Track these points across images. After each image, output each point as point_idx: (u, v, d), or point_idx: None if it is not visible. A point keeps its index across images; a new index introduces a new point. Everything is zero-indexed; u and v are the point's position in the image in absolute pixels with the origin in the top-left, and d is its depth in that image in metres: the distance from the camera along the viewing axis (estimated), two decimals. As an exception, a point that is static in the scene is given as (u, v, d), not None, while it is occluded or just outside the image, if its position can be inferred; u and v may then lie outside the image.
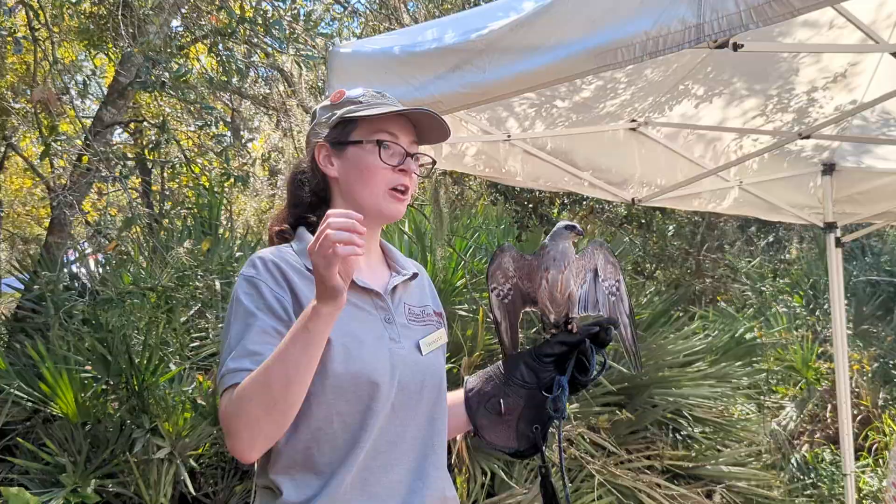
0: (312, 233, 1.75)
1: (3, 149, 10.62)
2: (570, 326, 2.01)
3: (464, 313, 5.61)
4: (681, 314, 7.42)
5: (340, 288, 1.54)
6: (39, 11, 5.78)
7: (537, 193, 9.57)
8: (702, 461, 5.80)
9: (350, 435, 1.71)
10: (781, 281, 9.97)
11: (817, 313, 8.79)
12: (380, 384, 1.72)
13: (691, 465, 5.68)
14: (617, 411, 5.52)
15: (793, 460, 7.10)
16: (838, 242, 5.12)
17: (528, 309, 2.11)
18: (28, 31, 6.56)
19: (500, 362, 2.07)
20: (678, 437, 6.01)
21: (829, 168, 4.92)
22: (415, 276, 1.98)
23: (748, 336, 7.61)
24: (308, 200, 1.91)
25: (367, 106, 1.86)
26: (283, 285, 1.73)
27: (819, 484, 6.64)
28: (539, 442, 1.99)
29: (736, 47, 2.31)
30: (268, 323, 1.68)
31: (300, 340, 1.58)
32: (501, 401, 1.99)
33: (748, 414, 7.32)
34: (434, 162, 2.04)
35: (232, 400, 1.61)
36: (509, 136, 4.05)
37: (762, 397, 7.80)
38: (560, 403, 1.93)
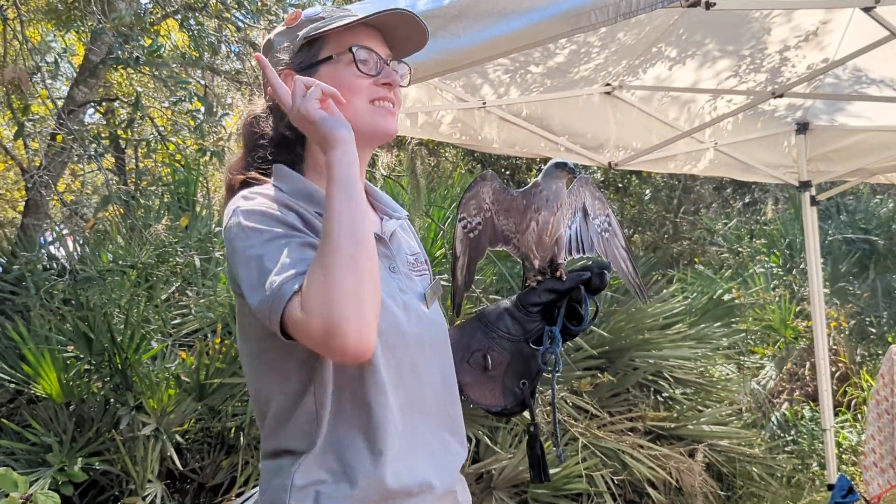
0: (295, 169, 1.61)
1: (-27, 131, 10.50)
2: (558, 273, 1.87)
3: (445, 283, 5.60)
4: (659, 277, 7.49)
5: (332, 120, 1.41)
6: (6, -10, 5.71)
7: (514, 160, 9.59)
8: (683, 421, 5.87)
9: (382, 395, 1.47)
10: (758, 242, 10.05)
11: (794, 273, 8.89)
12: (406, 333, 1.52)
13: (673, 426, 5.75)
14: (598, 374, 5.57)
15: (773, 418, 7.21)
16: (813, 201, 5.18)
17: (497, 248, 2.00)
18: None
19: (481, 313, 1.91)
20: (660, 398, 6.08)
21: (802, 127, 4.96)
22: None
23: (726, 297, 7.69)
24: (275, 142, 1.65)
25: (332, 20, 1.62)
26: (293, 216, 1.46)
27: (799, 440, 6.75)
28: (528, 399, 1.85)
29: (708, 6, 2.33)
30: (296, 237, 1.42)
31: (337, 196, 1.38)
32: (487, 355, 1.84)
33: (728, 374, 7.41)
34: (411, 71, 1.76)
35: (306, 297, 1.31)
36: (485, 104, 4.05)
37: (741, 357, 7.90)
38: (553, 355, 1.81)
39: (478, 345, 1.86)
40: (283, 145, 1.64)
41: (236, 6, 5.36)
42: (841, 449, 6.59)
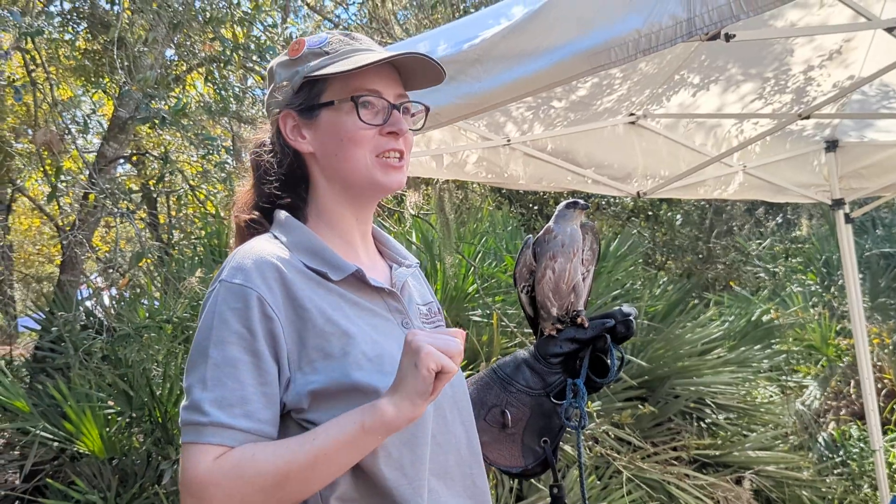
0: (296, 216, 1.52)
1: (9, 191, 10.68)
2: (579, 321, 1.73)
3: (477, 319, 5.62)
4: (696, 302, 7.43)
5: (425, 390, 1.27)
6: (35, 53, 5.82)
7: (542, 194, 9.58)
8: (728, 448, 5.79)
9: (399, 472, 1.37)
10: (794, 260, 9.95)
11: (832, 290, 8.77)
12: None
13: (718, 453, 5.67)
14: (639, 405, 5.52)
15: (820, 439, 7.08)
16: (847, 218, 5.10)
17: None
18: (25, 73, 6.60)
19: (495, 365, 1.80)
20: (703, 425, 6.01)
21: (832, 145, 4.91)
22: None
23: (765, 318, 7.61)
24: (281, 179, 1.55)
25: (337, 56, 1.49)
26: (278, 298, 1.37)
27: (848, 462, 6.61)
28: (550, 458, 1.71)
29: (728, 38, 2.31)
30: (261, 357, 1.33)
31: (359, 446, 1.30)
32: (505, 411, 1.71)
33: (771, 396, 7.30)
34: (428, 109, 1.64)
35: (223, 471, 1.28)
36: (509, 141, 4.05)
37: (784, 378, 7.79)
38: (578, 410, 1.68)
39: (494, 400, 1.73)
40: (287, 184, 1.56)
41: (258, 57, 5.43)
42: (893, 469, 6.44)
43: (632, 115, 4.30)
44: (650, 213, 10.77)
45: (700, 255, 11.09)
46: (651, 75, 3.93)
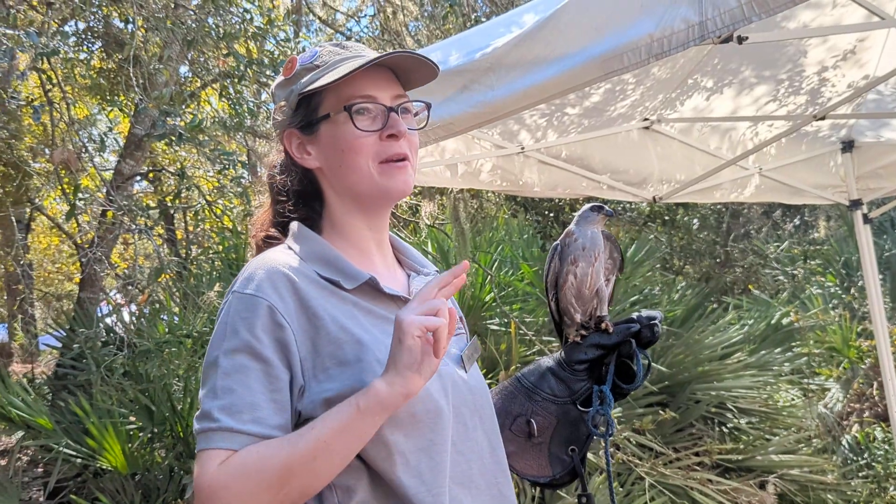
0: (311, 227, 1.52)
1: (28, 211, 10.77)
2: (603, 326, 1.71)
3: (495, 327, 5.62)
4: (714, 306, 7.40)
5: (418, 360, 1.28)
6: (51, 73, 5.88)
7: (557, 201, 9.58)
8: (751, 452, 5.75)
9: (417, 479, 1.35)
10: (813, 262, 9.90)
11: (852, 291, 8.71)
12: (442, 410, 1.39)
13: (741, 458, 5.64)
14: (660, 411, 5.49)
15: (844, 442, 7.02)
16: (866, 219, 5.07)
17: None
18: (42, 93, 6.66)
19: (519, 374, 1.77)
20: (725, 430, 5.97)
21: (848, 145, 4.88)
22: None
23: (785, 321, 7.57)
24: (296, 196, 1.56)
25: (327, 69, 1.48)
26: (290, 306, 1.36)
27: (873, 464, 6.55)
28: (578, 467, 1.69)
29: (741, 40, 2.31)
30: (271, 364, 1.33)
31: (356, 429, 1.28)
32: (531, 420, 1.68)
33: (793, 400, 7.25)
34: (429, 105, 1.61)
35: (230, 473, 1.28)
36: (523, 149, 4.06)
37: (806, 381, 7.73)
38: (605, 417, 1.65)
39: (519, 409, 1.71)
40: (301, 200, 1.56)
41: (272, 71, 5.45)
42: (918, 470, 6.39)
43: (646, 120, 4.29)
44: (666, 217, 10.74)
45: (718, 259, 11.04)
46: (664, 80, 3.92)
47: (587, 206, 1.80)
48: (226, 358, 1.33)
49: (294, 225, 1.51)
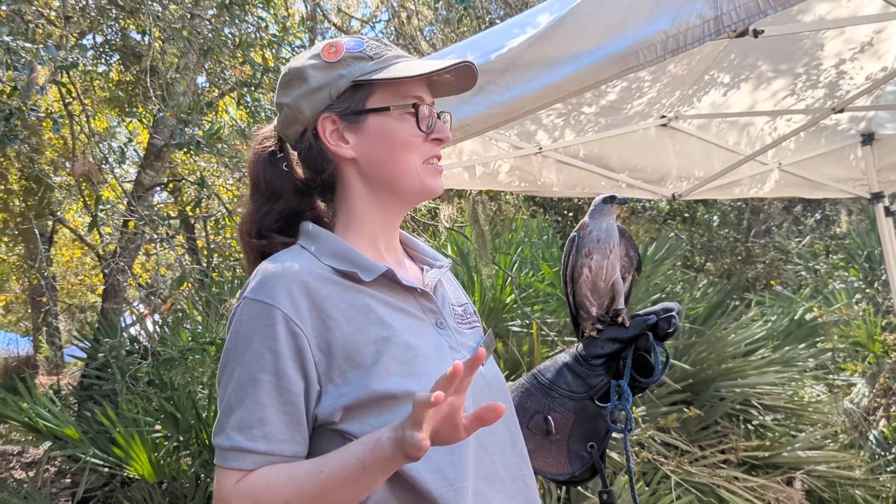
0: (324, 226, 1.48)
1: (51, 223, 10.87)
2: (619, 319, 1.68)
3: (517, 329, 5.61)
4: (737, 303, 7.37)
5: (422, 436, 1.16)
6: (70, 87, 5.93)
7: (576, 201, 9.57)
8: (777, 449, 5.71)
9: (438, 475, 1.31)
10: (835, 257, 9.84)
11: (876, 285, 8.65)
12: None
13: (767, 455, 5.60)
14: (685, 408, 5.47)
15: (871, 437, 6.96)
16: (888, 211, 5.02)
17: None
18: (62, 107, 6.73)
19: (535, 370, 1.74)
20: (750, 427, 5.94)
21: (867, 138, 4.84)
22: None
23: (808, 317, 7.52)
24: (301, 188, 1.51)
25: (384, 62, 1.46)
26: (303, 311, 1.33)
27: (901, 458, 6.50)
28: (598, 463, 1.65)
29: (756, 34, 2.30)
30: (283, 377, 1.31)
31: (362, 481, 1.25)
32: (548, 417, 1.65)
33: (819, 395, 7.20)
34: (450, 116, 1.59)
35: (242, 496, 1.29)
36: (541, 149, 4.06)
37: (831, 377, 7.68)
38: (624, 412, 1.63)
39: (537, 406, 1.68)
40: (317, 190, 1.51)
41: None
42: (947, 464, 6.33)
43: (663, 117, 4.29)
44: (686, 215, 10.71)
45: (739, 256, 10.99)
46: (680, 76, 3.91)
47: (599, 197, 1.77)
48: (238, 369, 1.32)
49: (307, 224, 1.47)
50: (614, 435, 1.69)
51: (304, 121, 1.47)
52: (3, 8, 5.24)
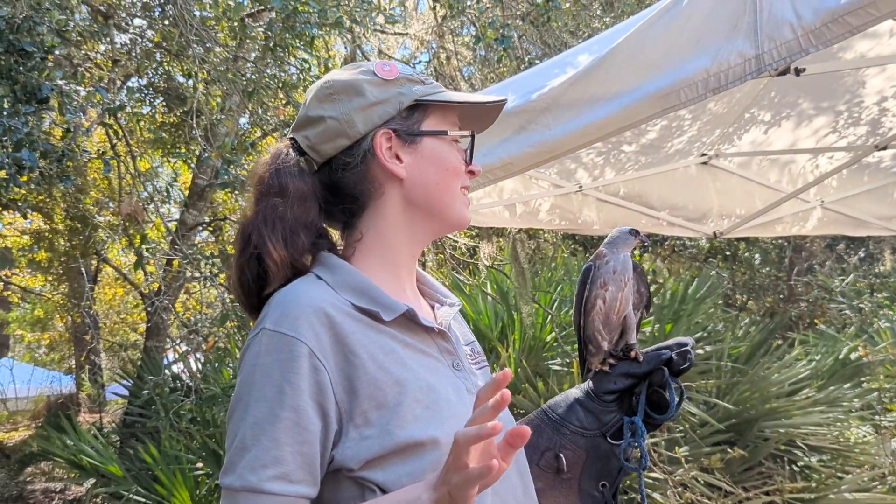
0: (336, 254, 1.42)
1: (95, 262, 11.04)
2: (632, 354, 1.61)
3: (557, 367, 5.59)
4: (780, 342, 7.27)
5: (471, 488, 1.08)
6: (116, 128, 6.07)
7: (616, 239, 9.51)
8: (823, 491, 5.60)
9: None
10: (880, 295, 9.68)
11: (923, 324, 8.50)
12: None
13: (813, 497, 5.49)
14: (728, 449, 5.39)
15: (920, 479, 6.81)
16: (933, 249, 4.97)
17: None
18: (108, 147, 6.88)
19: (546, 405, 1.67)
20: (795, 468, 5.83)
21: (911, 175, 4.81)
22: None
23: (853, 356, 7.39)
24: (328, 209, 1.45)
25: (434, 88, 1.45)
26: (325, 345, 1.26)
27: (951, 501, 6.34)
28: (610, 503, 1.59)
29: (798, 72, 2.31)
30: (303, 414, 1.23)
31: None
32: (559, 455, 1.58)
33: (865, 436, 7.05)
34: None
35: None
36: (581, 187, 4.07)
37: (877, 417, 7.53)
38: (639, 449, 1.57)
39: (547, 443, 1.60)
40: (327, 214, 1.45)
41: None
42: None
43: (703, 155, 4.28)
44: (727, 253, 10.63)
45: (781, 294, 10.87)
46: (721, 115, 3.92)
47: (623, 228, 1.71)
48: (255, 405, 1.23)
49: (325, 254, 1.40)
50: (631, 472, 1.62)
51: (354, 135, 1.41)
52: (57, 53, 5.39)
